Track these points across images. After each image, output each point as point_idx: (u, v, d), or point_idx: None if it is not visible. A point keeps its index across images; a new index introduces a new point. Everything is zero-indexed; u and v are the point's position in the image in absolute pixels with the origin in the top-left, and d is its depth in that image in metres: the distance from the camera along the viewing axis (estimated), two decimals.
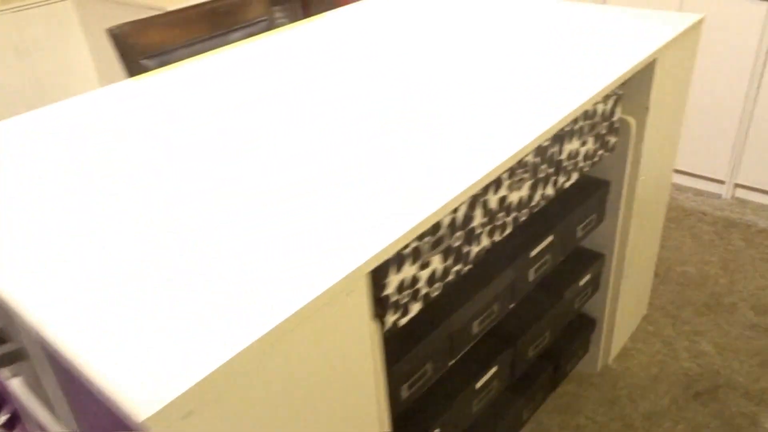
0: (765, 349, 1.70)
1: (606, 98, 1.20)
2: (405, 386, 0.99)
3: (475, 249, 1.00)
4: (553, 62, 1.21)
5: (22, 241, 0.79)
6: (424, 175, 0.88)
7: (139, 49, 1.34)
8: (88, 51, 2.90)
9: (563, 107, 1.03)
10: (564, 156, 1.14)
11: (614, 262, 1.51)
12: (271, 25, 1.56)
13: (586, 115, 1.16)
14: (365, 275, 0.72)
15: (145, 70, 1.37)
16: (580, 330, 1.56)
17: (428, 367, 1.03)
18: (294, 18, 3.29)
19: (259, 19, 1.55)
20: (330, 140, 1.00)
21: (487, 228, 1.02)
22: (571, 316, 1.45)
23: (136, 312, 0.66)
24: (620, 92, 1.25)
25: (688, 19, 1.37)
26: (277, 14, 3.45)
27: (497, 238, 1.05)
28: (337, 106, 1.12)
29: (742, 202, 2.31)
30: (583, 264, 1.45)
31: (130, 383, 0.57)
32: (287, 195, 0.86)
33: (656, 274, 1.99)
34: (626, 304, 1.64)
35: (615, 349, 1.70)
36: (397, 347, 0.98)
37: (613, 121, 1.26)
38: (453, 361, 1.12)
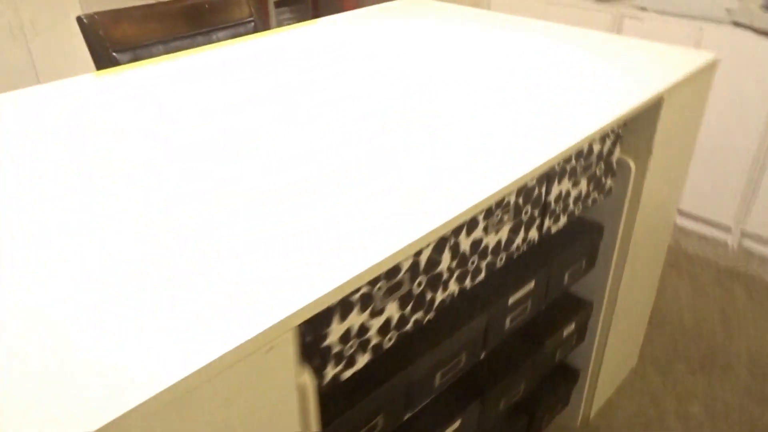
0: (758, 420, 1.58)
1: (604, 137, 1.10)
2: None
3: (440, 296, 0.89)
4: (550, 93, 1.11)
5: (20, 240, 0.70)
6: (424, 176, 0.78)
7: (111, 40, 1.25)
8: None
9: (552, 146, 0.93)
10: (552, 198, 1.03)
11: (603, 311, 1.39)
12: (259, 27, 1.47)
13: (580, 154, 1.05)
14: (291, 329, 0.62)
15: (115, 63, 1.28)
16: (561, 381, 1.45)
17: (379, 420, 0.92)
18: (303, 19, 3.20)
19: (246, 20, 1.45)
20: (329, 141, 0.91)
21: (457, 273, 0.91)
22: (551, 367, 1.34)
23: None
24: (620, 131, 1.14)
25: (701, 58, 1.27)
26: (286, 15, 3.36)
27: (468, 284, 0.95)
28: (337, 107, 1.02)
29: (749, 253, 2.19)
30: (569, 312, 1.34)
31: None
32: (282, 196, 0.76)
33: (650, 322, 1.88)
34: (614, 355, 1.52)
35: (598, 402, 1.58)
36: (343, 399, 0.87)
37: (611, 161, 1.16)
38: (410, 414, 1.01)
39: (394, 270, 0.78)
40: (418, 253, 0.81)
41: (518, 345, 1.25)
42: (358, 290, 0.74)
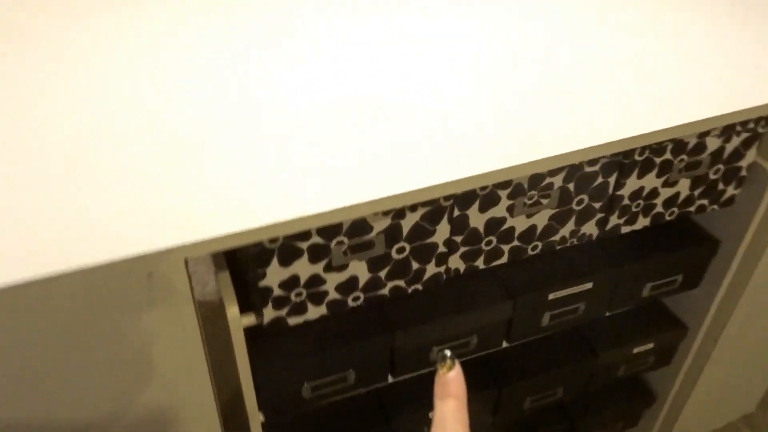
0: None
1: (728, 131, 0.84)
2: (307, 386, 0.84)
3: (433, 269, 0.78)
4: (657, 59, 0.86)
5: None
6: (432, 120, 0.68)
7: None
8: None
9: (622, 127, 0.72)
10: (625, 192, 0.83)
11: (699, 339, 1.15)
12: None
13: (681, 147, 0.82)
14: (178, 260, 0.57)
15: None
16: (630, 398, 1.25)
17: (350, 374, 0.86)
18: None
19: None
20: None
21: (463, 250, 0.78)
22: (609, 382, 1.15)
23: None
24: (759, 128, 0.87)
25: None
26: None
27: (481, 264, 0.82)
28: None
29: None
30: (651, 327, 1.12)
31: None
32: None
33: None
34: (710, 392, 1.27)
35: None
36: (302, 343, 0.82)
37: (738, 165, 0.89)
38: (396, 379, 0.93)
39: (360, 228, 0.69)
40: (400, 216, 0.70)
41: (568, 346, 1.09)
42: (307, 238, 0.67)
